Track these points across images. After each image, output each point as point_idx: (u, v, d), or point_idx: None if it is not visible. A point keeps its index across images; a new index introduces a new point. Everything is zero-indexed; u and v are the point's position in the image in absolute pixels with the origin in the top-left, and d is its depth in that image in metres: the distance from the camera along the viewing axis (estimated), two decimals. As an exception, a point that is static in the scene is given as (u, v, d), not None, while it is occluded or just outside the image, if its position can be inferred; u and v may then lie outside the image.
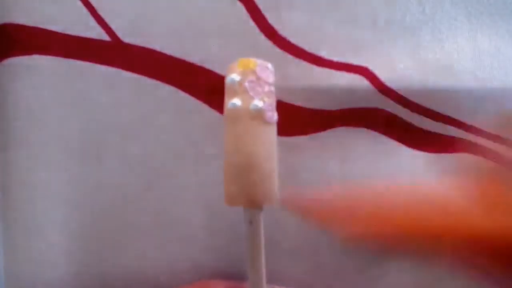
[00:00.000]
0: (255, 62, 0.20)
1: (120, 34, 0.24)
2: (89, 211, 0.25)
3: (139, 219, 0.25)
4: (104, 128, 0.25)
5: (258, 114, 0.19)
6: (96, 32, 0.24)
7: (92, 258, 0.26)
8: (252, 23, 0.24)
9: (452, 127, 0.24)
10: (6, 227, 0.25)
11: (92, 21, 0.24)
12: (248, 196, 0.19)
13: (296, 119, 0.24)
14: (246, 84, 0.20)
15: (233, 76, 0.20)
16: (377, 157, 0.24)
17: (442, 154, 0.24)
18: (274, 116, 0.20)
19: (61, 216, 0.25)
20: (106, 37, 0.24)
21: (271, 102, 0.20)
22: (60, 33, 0.24)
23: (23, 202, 0.25)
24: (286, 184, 0.24)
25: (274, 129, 0.20)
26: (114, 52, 0.24)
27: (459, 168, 0.24)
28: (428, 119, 0.24)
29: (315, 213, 0.25)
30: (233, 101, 0.20)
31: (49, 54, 0.24)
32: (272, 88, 0.20)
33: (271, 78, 0.20)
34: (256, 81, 0.20)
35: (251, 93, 0.20)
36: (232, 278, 0.24)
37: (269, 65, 0.21)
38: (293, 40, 0.24)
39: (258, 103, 0.19)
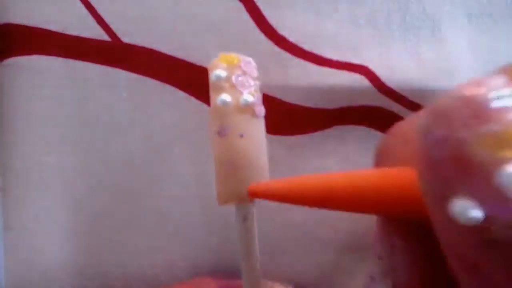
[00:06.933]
0: (238, 58, 0.20)
1: (120, 34, 0.24)
2: (89, 211, 0.25)
3: (139, 219, 0.25)
4: (104, 128, 0.25)
5: (247, 109, 0.19)
6: (96, 32, 0.24)
7: (92, 258, 0.26)
8: (252, 23, 0.24)
9: None
10: (6, 227, 0.25)
11: (92, 21, 0.24)
12: (240, 193, 0.19)
13: (296, 118, 0.24)
14: (233, 79, 0.20)
15: (219, 72, 0.20)
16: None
17: None
18: (262, 110, 0.20)
19: (61, 216, 0.25)
20: (106, 37, 0.24)
21: (259, 96, 0.20)
22: (60, 33, 0.24)
23: (23, 202, 0.25)
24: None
25: (263, 123, 0.20)
26: (114, 52, 0.24)
27: None
28: None
29: None
30: (222, 97, 0.19)
31: (49, 54, 0.24)
32: (257, 83, 0.20)
33: (255, 73, 0.20)
34: (243, 75, 0.20)
35: (239, 88, 0.20)
36: (231, 278, 0.24)
37: (252, 60, 0.21)
38: (293, 39, 0.24)
39: (247, 97, 0.19)
